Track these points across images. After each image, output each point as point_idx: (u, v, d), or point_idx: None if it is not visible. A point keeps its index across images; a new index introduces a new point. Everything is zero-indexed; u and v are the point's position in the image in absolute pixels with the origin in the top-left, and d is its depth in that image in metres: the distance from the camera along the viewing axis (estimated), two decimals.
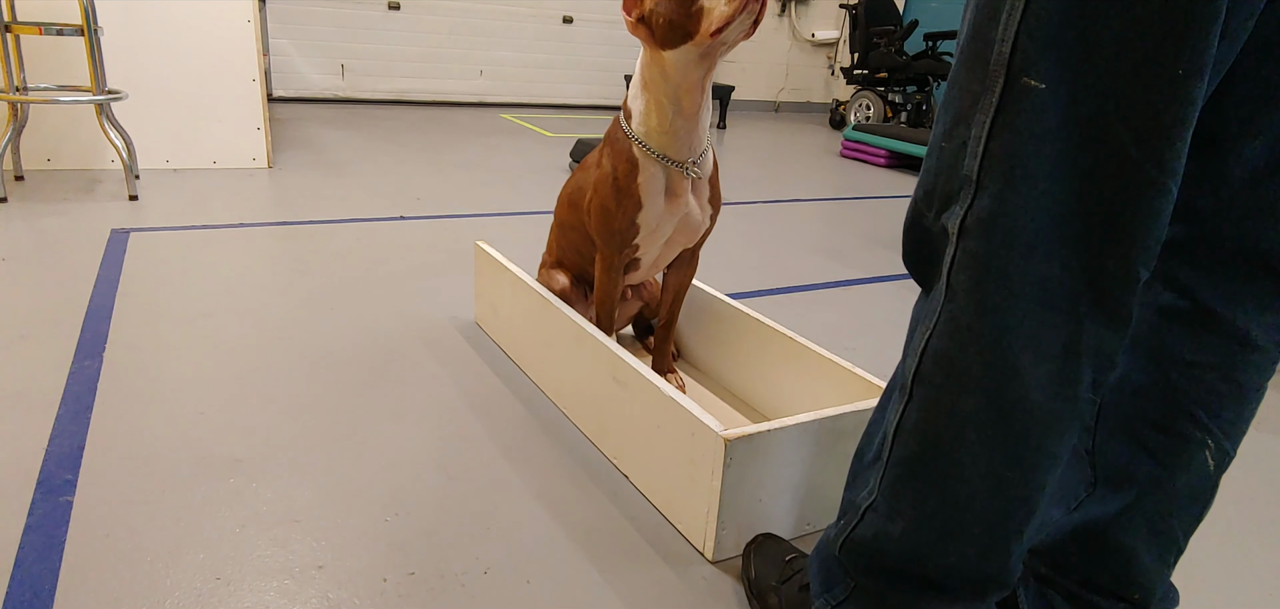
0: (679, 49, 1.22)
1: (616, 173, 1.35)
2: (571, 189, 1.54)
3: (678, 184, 1.35)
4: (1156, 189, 0.60)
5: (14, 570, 0.98)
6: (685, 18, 1.18)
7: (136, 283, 1.95)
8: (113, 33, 3.01)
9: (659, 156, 1.32)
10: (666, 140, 1.31)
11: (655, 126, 1.31)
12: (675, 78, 1.26)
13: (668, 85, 1.27)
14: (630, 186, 1.34)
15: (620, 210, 1.36)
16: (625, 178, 1.34)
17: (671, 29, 1.20)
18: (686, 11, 1.18)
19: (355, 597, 0.99)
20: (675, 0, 1.19)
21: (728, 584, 1.07)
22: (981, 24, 0.63)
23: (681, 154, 1.33)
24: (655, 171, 1.34)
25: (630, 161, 1.34)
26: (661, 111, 1.30)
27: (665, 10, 1.20)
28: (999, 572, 0.74)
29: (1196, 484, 0.78)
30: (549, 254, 1.68)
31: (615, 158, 1.36)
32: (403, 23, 5.67)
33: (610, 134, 1.39)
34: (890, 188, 4.11)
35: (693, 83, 1.26)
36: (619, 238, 1.39)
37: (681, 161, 1.33)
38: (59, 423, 1.31)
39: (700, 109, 1.30)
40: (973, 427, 0.68)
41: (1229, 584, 1.16)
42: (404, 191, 3.11)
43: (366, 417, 1.41)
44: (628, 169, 1.34)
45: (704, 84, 1.28)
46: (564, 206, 1.57)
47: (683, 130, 1.31)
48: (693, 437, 1.10)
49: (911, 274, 0.76)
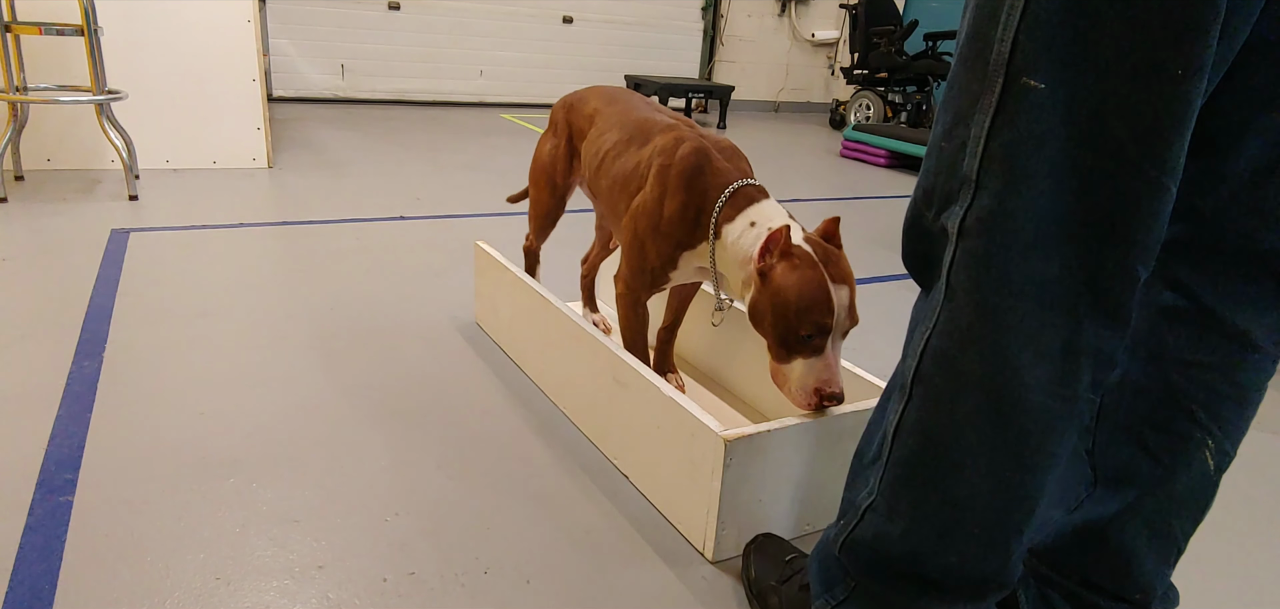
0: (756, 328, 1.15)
1: (664, 213, 1.24)
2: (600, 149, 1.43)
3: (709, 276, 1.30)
4: (1156, 189, 0.60)
5: (14, 570, 0.98)
6: (774, 345, 1.12)
7: (136, 283, 1.95)
8: (113, 33, 3.01)
9: (717, 269, 1.25)
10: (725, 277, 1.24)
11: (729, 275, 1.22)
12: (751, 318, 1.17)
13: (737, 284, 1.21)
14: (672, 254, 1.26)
15: (656, 250, 1.26)
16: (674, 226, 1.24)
17: (761, 327, 1.14)
18: (779, 344, 1.11)
19: (355, 597, 0.99)
20: (780, 336, 1.10)
21: (728, 584, 1.07)
22: (981, 24, 0.63)
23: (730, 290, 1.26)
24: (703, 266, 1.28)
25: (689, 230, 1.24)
26: (742, 288, 1.20)
27: (774, 325, 1.10)
28: (999, 571, 0.74)
29: (1196, 484, 0.78)
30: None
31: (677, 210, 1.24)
32: (403, 23, 5.67)
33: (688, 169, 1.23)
34: (890, 188, 4.11)
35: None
36: (650, 276, 1.30)
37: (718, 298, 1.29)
38: (59, 423, 1.31)
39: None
40: (972, 426, 0.68)
41: (1229, 584, 1.16)
42: (404, 191, 3.11)
43: (366, 416, 1.41)
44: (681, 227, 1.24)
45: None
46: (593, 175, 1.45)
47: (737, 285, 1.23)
48: (693, 437, 1.10)
49: (911, 274, 0.76)
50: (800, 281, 1.07)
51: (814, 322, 1.07)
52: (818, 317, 1.07)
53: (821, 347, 1.09)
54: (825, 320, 1.07)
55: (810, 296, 1.07)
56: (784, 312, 1.08)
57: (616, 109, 1.48)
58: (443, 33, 5.82)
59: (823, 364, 1.09)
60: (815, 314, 1.07)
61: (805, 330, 1.07)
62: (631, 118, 1.42)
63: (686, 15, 6.84)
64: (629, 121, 1.41)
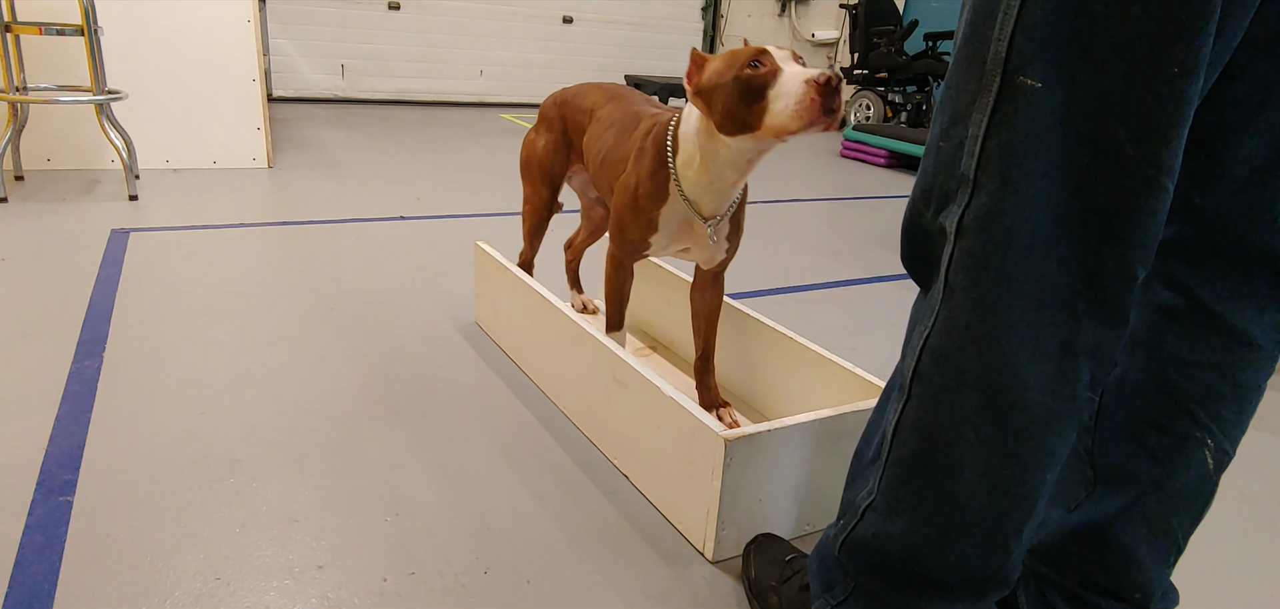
0: (737, 137, 1.15)
1: (640, 191, 1.31)
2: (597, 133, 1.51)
3: (697, 227, 1.32)
4: (1153, 187, 0.60)
5: (14, 570, 0.98)
6: (746, 112, 1.10)
7: (136, 283, 1.95)
8: (113, 33, 3.01)
9: (687, 199, 1.28)
10: (699, 192, 1.27)
11: (693, 177, 1.26)
12: (725, 156, 1.20)
13: (715, 158, 1.22)
14: (651, 212, 1.31)
15: (635, 224, 1.34)
16: (647, 200, 1.31)
17: (730, 119, 1.13)
18: (748, 108, 1.10)
19: (355, 597, 0.99)
20: (738, 92, 1.10)
21: (728, 584, 1.07)
22: (978, 24, 0.63)
23: (708, 211, 1.29)
24: (679, 210, 1.30)
25: (660, 188, 1.30)
26: (704, 169, 1.24)
27: (727, 99, 1.12)
28: (998, 571, 0.74)
29: (1196, 484, 0.78)
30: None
31: (647, 175, 1.31)
32: (403, 23, 5.67)
33: (655, 139, 1.32)
34: (890, 188, 4.11)
35: (742, 164, 1.21)
36: (631, 247, 1.37)
37: (706, 217, 1.29)
38: (59, 423, 1.31)
39: (741, 181, 1.26)
40: (971, 426, 0.68)
41: (1229, 584, 1.16)
42: (404, 192, 3.11)
43: (366, 417, 1.41)
44: (652, 192, 1.30)
45: (753, 166, 1.23)
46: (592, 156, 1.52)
47: (716, 192, 1.26)
48: (693, 437, 1.10)
49: (910, 274, 0.76)
50: (724, 56, 1.15)
51: (749, 55, 1.10)
52: (749, 54, 1.10)
53: (778, 67, 1.08)
54: (758, 51, 1.10)
55: (735, 54, 1.13)
56: (723, 79, 1.12)
57: (614, 105, 1.54)
58: (442, 33, 5.82)
59: (794, 69, 1.07)
60: (744, 55, 1.11)
61: (746, 68, 1.09)
62: (630, 112, 1.47)
63: (686, 15, 6.85)
64: (628, 116, 1.47)
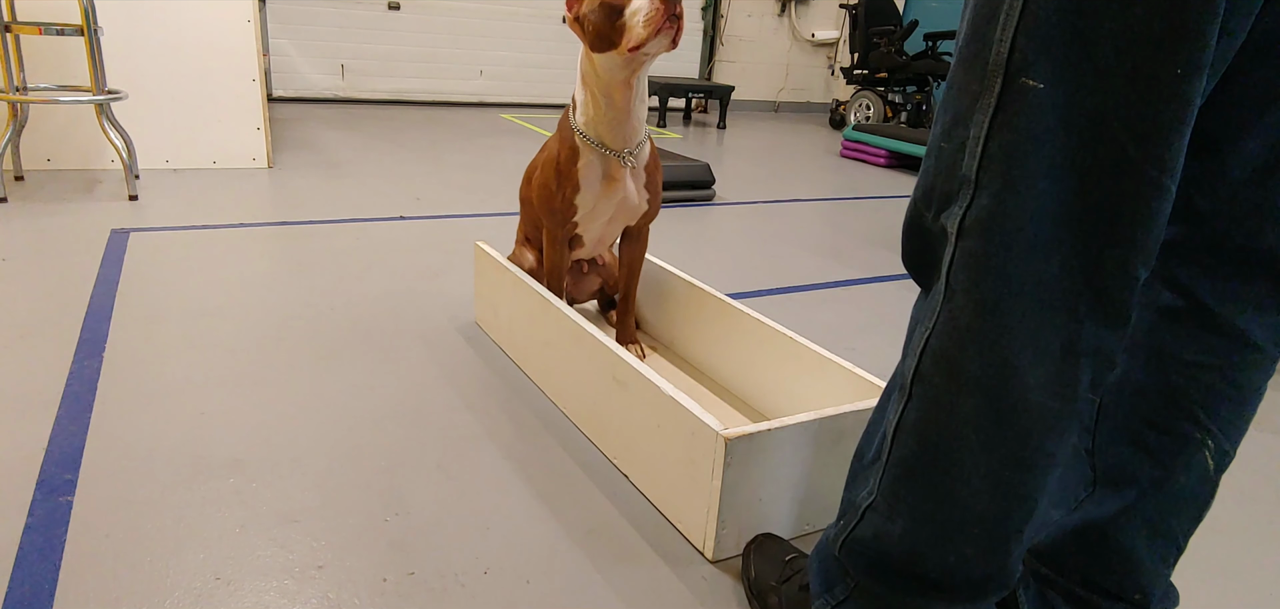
0: (606, 54, 1.36)
1: (559, 157, 1.50)
2: (529, 170, 1.69)
3: (615, 170, 1.49)
4: (1155, 188, 0.60)
5: (14, 570, 0.98)
6: (610, 30, 1.32)
7: (136, 283, 1.95)
8: (113, 33, 3.01)
9: (597, 145, 1.46)
10: (603, 130, 1.46)
11: (592, 117, 1.45)
12: (605, 77, 1.40)
13: (599, 82, 1.42)
14: (570, 170, 1.49)
15: (560, 190, 1.50)
16: (566, 162, 1.49)
17: (599, 37, 1.34)
18: (611, 25, 1.32)
19: (355, 597, 0.99)
20: (603, 13, 1.32)
21: (728, 584, 1.07)
22: (979, 24, 0.63)
23: (617, 144, 1.47)
24: (593, 158, 1.48)
25: (572, 148, 1.48)
26: (597, 104, 1.44)
27: (595, 19, 1.33)
28: (999, 571, 0.74)
29: (1196, 484, 0.78)
30: (519, 232, 1.80)
31: (560, 143, 1.50)
32: (403, 23, 5.67)
33: (560, 122, 1.53)
34: (890, 188, 4.11)
35: (620, 82, 1.40)
36: (559, 215, 1.53)
37: (618, 151, 1.47)
38: (59, 423, 1.31)
39: (631, 104, 1.44)
40: (972, 426, 0.68)
41: (1229, 584, 1.16)
42: (404, 191, 3.11)
43: (366, 417, 1.41)
44: (569, 154, 1.48)
45: (632, 83, 1.41)
46: (524, 185, 1.72)
47: (616, 122, 1.44)
48: (693, 436, 1.10)
49: (911, 274, 0.76)
50: None
51: None
52: None
53: None
54: None
55: None
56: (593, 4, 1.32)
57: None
58: (442, 33, 5.82)
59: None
60: None
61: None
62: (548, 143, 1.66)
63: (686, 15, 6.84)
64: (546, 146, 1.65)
